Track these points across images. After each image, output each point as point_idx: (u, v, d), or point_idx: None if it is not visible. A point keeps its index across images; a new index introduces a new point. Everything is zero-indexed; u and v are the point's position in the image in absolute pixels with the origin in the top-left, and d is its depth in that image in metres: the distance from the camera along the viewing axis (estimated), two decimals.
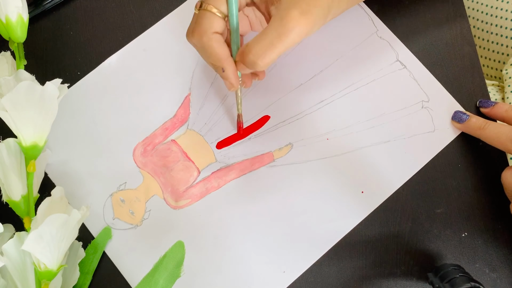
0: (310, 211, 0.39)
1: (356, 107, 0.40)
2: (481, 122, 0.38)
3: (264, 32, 0.31)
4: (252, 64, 0.32)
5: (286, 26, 0.30)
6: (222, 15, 0.32)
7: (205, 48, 0.33)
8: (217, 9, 0.32)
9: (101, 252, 0.39)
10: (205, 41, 0.33)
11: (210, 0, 0.32)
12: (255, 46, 0.31)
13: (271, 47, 0.31)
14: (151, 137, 0.41)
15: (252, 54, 0.31)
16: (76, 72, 0.43)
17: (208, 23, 0.32)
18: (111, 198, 0.40)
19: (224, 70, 0.34)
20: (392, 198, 0.39)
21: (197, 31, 0.33)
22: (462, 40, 0.41)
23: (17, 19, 0.36)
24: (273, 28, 0.31)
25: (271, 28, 0.31)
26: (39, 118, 0.34)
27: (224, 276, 0.38)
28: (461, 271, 0.34)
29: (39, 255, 0.32)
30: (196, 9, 0.33)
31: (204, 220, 0.39)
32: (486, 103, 0.39)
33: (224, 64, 0.33)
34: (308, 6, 0.30)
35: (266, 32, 0.31)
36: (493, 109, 0.39)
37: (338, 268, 0.38)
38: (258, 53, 0.31)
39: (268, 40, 0.31)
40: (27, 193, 0.35)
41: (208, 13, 0.32)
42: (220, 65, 0.33)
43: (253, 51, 0.31)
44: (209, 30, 0.32)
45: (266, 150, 0.40)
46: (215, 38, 0.33)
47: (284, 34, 0.30)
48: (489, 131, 0.37)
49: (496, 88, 0.52)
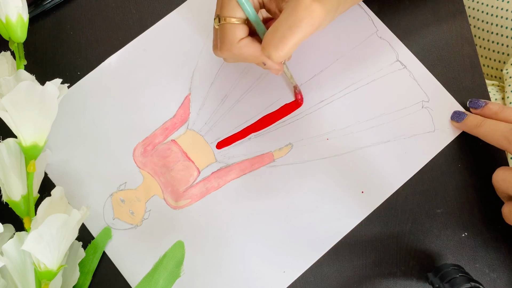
0: (310, 211, 0.39)
1: (356, 107, 0.40)
2: (478, 120, 0.38)
3: (275, 25, 0.31)
4: (268, 56, 0.32)
5: (298, 16, 0.30)
6: (241, 21, 0.33)
7: (238, 57, 0.34)
8: (235, 18, 0.33)
9: (101, 252, 0.39)
10: (235, 52, 0.33)
11: (226, 12, 0.33)
12: (268, 40, 0.31)
13: (284, 39, 0.31)
14: (151, 137, 0.41)
15: (268, 45, 0.31)
16: (76, 72, 0.43)
17: (232, 34, 0.33)
18: (111, 198, 0.40)
19: (265, 64, 0.35)
20: (392, 198, 0.39)
21: (224, 46, 0.34)
22: (462, 40, 0.41)
23: (17, 19, 0.36)
24: (283, 19, 0.30)
25: (282, 19, 0.31)
26: (39, 118, 0.34)
27: (224, 276, 0.38)
28: (461, 271, 0.34)
29: (39, 255, 0.32)
30: (216, 24, 0.34)
31: (204, 220, 0.39)
32: (476, 103, 0.39)
33: (263, 59, 0.34)
34: None
35: (277, 24, 0.31)
36: (483, 110, 0.39)
37: (338, 268, 0.38)
38: (271, 46, 0.31)
39: (280, 32, 0.31)
40: (27, 193, 0.35)
41: (228, 25, 0.33)
42: (259, 62, 0.34)
43: (269, 42, 0.31)
44: (235, 40, 0.33)
45: (266, 150, 0.40)
46: (244, 44, 0.33)
47: (295, 24, 0.30)
48: (485, 128, 0.37)
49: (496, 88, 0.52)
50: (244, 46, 0.33)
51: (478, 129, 0.37)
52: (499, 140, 0.35)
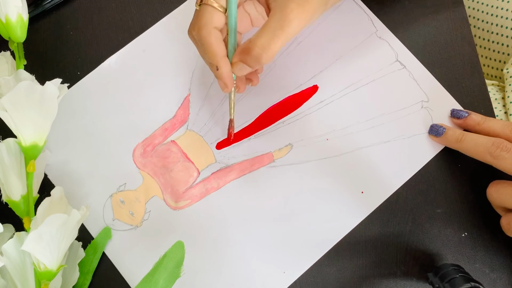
0: (310, 211, 0.39)
1: (356, 107, 0.40)
2: (458, 134, 0.37)
3: (266, 25, 0.32)
4: (257, 58, 0.32)
5: (287, 17, 0.31)
6: (222, 10, 0.33)
7: (203, 42, 0.33)
8: (218, 3, 0.33)
9: (101, 252, 0.39)
10: (203, 34, 0.33)
11: None
12: (259, 40, 0.32)
13: (275, 38, 0.31)
14: (151, 137, 0.41)
15: (258, 47, 0.32)
16: (76, 72, 0.43)
17: (209, 17, 0.33)
18: (110, 199, 0.40)
19: (218, 69, 0.34)
20: (392, 198, 0.39)
21: (197, 25, 0.33)
22: (462, 40, 0.41)
23: (17, 19, 0.36)
24: (274, 20, 0.32)
25: (273, 20, 0.32)
26: (39, 118, 0.34)
27: (224, 276, 0.38)
28: (461, 271, 0.34)
29: (39, 255, 0.32)
30: (197, 4, 0.34)
31: (204, 220, 0.39)
32: (458, 113, 0.39)
33: (220, 62, 0.34)
34: None
35: (268, 24, 0.32)
36: (466, 121, 0.38)
37: (338, 268, 0.38)
38: (263, 46, 0.31)
39: (271, 32, 0.31)
40: (26, 193, 0.35)
41: (209, 8, 0.33)
42: (215, 62, 0.34)
43: (258, 44, 0.32)
44: (209, 24, 0.33)
45: (266, 150, 0.40)
46: (214, 34, 0.33)
47: (285, 25, 0.31)
48: (466, 143, 0.36)
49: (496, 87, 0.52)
50: (214, 36, 0.33)
51: (459, 144, 0.37)
52: (482, 155, 0.35)
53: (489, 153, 0.34)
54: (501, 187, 0.35)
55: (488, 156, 0.35)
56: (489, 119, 0.37)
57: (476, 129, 0.38)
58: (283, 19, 0.31)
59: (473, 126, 0.38)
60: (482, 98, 0.40)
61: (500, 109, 0.48)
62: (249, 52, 0.32)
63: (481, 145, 0.35)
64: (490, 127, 0.37)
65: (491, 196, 0.36)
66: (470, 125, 0.38)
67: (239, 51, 0.33)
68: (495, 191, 0.36)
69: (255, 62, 0.33)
